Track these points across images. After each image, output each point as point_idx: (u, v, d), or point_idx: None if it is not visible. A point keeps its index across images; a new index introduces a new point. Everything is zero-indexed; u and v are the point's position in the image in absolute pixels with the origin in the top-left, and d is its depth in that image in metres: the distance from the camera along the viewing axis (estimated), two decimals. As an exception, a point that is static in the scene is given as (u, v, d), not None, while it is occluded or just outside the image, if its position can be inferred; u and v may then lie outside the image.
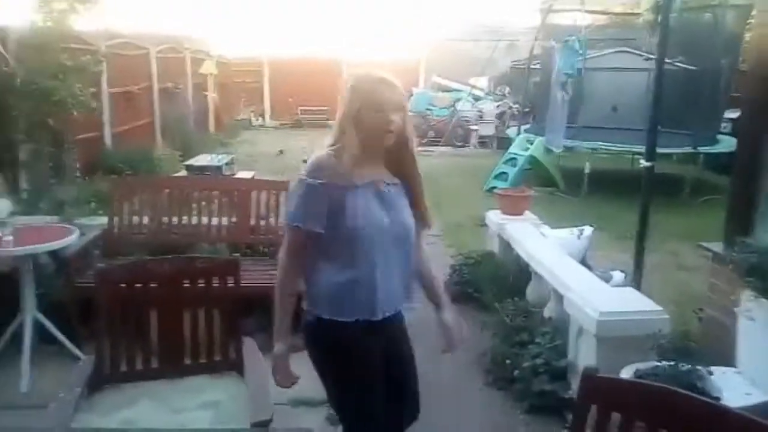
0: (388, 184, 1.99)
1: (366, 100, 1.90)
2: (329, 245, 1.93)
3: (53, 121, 5.75)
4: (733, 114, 9.62)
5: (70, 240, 3.64)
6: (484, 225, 5.17)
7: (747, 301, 2.71)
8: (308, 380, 3.38)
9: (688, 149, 9.07)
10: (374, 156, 1.96)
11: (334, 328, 1.96)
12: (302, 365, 3.57)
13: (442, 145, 12.99)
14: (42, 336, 3.62)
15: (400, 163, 2.01)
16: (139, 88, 9.64)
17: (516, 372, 3.34)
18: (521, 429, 3.11)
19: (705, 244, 3.67)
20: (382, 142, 1.93)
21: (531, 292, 4.06)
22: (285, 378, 2.03)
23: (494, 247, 4.98)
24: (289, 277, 1.99)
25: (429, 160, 10.17)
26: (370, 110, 1.89)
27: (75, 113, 5.78)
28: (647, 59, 8.70)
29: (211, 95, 8.41)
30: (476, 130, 13.92)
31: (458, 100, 14.52)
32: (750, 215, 3.37)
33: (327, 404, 3.15)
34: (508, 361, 3.45)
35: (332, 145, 1.95)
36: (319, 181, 1.90)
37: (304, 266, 1.99)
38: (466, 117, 14.08)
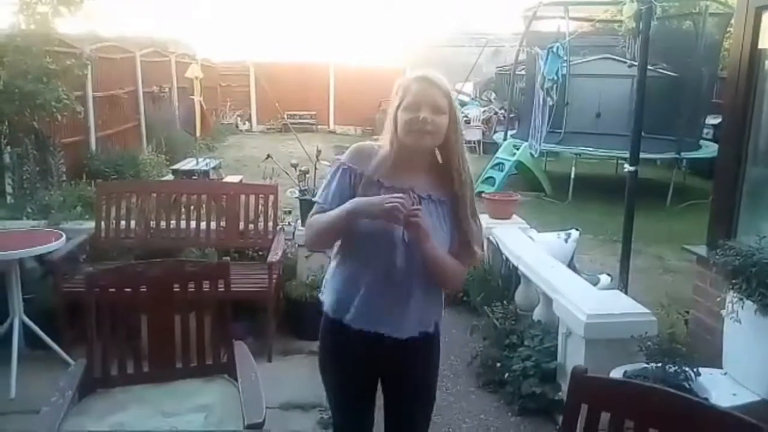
0: (424, 197, 1.82)
1: (402, 97, 1.81)
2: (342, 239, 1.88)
3: (38, 125, 5.70)
4: (714, 120, 9.80)
5: (57, 244, 3.60)
6: (471, 229, 5.19)
7: (732, 303, 2.75)
8: (300, 384, 3.40)
9: (672, 154, 9.21)
10: (416, 162, 1.84)
11: (325, 322, 1.95)
12: (297, 368, 3.58)
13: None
14: (30, 341, 3.59)
15: (445, 177, 1.85)
16: (124, 92, 9.58)
17: (506, 375, 3.37)
18: (512, 431, 3.13)
19: (689, 247, 3.73)
20: (418, 144, 1.80)
21: (519, 295, 4.09)
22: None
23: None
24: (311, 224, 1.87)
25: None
26: (405, 108, 1.79)
27: (59, 117, 5.73)
28: (630, 66, 8.83)
29: (197, 99, 8.34)
30: (462, 135, 13.98)
31: (444, 105, 14.59)
32: (732, 218, 3.44)
33: (318, 408, 3.17)
34: (498, 364, 3.47)
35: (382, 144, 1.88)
36: (349, 165, 1.86)
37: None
38: (453, 122, 14.15)
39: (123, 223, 4.26)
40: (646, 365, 2.73)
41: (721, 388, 2.68)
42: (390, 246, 1.80)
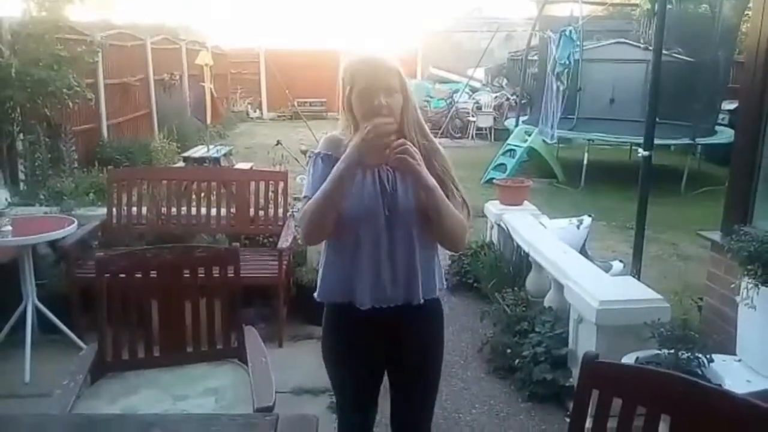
0: (393, 169, 1.80)
1: (352, 82, 1.76)
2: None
3: (50, 113, 5.73)
4: (730, 105, 9.63)
5: (69, 230, 3.62)
6: (482, 216, 5.17)
7: (746, 289, 2.71)
8: (310, 369, 3.41)
9: (686, 140, 9.08)
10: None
11: (329, 313, 2.00)
12: (307, 353, 3.59)
13: (439, 137, 12.97)
14: (43, 326, 3.63)
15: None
16: (135, 80, 9.59)
17: (517, 361, 3.36)
18: (522, 417, 3.13)
19: (704, 233, 3.68)
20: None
21: (531, 281, 4.06)
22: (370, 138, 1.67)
23: (493, 237, 4.99)
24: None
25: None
26: (359, 95, 1.75)
27: (71, 104, 5.76)
28: (645, 49, 8.71)
29: (208, 87, 8.36)
30: (474, 121, 13.91)
31: (456, 91, 14.49)
32: (748, 204, 3.38)
33: (329, 393, 3.18)
34: (508, 351, 3.46)
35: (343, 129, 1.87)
36: (324, 153, 1.84)
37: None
38: (464, 108, 14.07)
39: (134, 209, 4.28)
40: (658, 352, 2.70)
41: (735, 375, 2.64)
42: (376, 220, 1.80)
